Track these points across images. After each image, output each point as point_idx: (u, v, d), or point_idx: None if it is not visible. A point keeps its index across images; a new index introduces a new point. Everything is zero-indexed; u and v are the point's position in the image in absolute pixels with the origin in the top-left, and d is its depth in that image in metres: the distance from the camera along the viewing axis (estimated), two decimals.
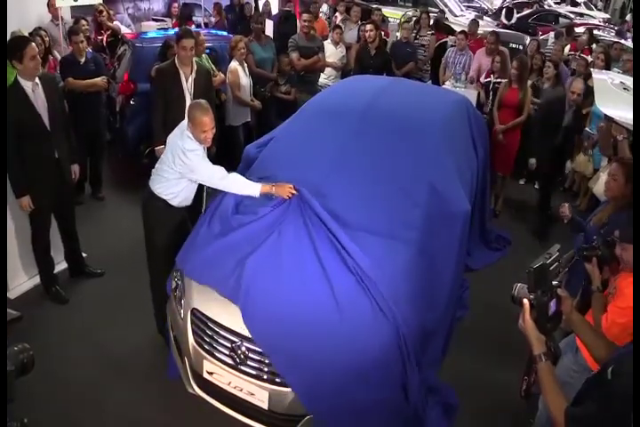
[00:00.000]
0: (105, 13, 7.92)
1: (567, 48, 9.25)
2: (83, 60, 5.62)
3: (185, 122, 3.60)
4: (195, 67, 5.06)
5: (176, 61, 5.00)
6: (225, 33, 7.87)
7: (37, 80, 3.97)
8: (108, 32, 7.81)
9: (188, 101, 4.94)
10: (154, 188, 3.72)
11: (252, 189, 3.54)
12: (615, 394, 1.71)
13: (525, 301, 2.06)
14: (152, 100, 5.32)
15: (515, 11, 16.06)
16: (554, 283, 2.13)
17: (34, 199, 4.08)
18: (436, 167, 3.90)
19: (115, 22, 8.24)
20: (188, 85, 5.01)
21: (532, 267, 2.07)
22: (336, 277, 3.13)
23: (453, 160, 4.15)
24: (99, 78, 5.70)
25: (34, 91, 3.95)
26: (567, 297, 2.19)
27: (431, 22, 9.25)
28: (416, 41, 8.76)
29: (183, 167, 3.52)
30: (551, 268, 2.11)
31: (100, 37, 7.79)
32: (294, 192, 3.52)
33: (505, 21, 14.69)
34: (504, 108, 6.35)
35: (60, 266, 4.72)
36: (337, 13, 9.67)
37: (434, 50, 8.75)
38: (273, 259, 3.23)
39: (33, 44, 3.90)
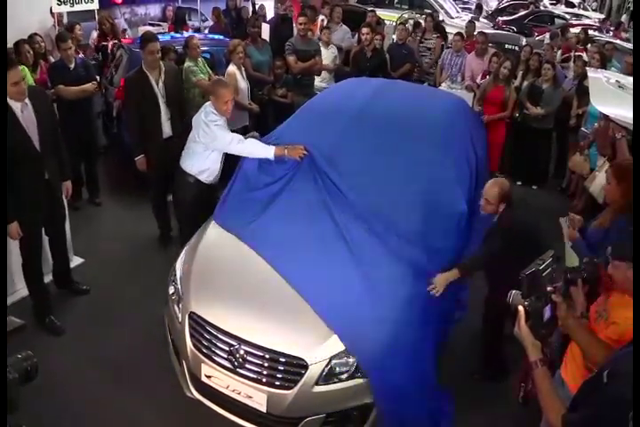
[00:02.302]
0: (108, 24, 7.92)
1: (559, 53, 9.21)
2: (72, 65, 5.59)
3: (207, 103, 4.24)
4: (162, 68, 5.08)
5: (144, 67, 5.00)
6: (221, 37, 7.89)
7: (27, 100, 3.74)
8: (114, 40, 7.69)
9: (162, 104, 5.03)
10: (184, 165, 4.38)
11: (267, 151, 3.97)
12: (611, 397, 1.70)
13: (520, 308, 2.06)
14: (126, 113, 5.39)
15: (483, 6, 16.48)
16: (548, 289, 2.13)
17: (24, 224, 3.87)
18: (432, 168, 3.90)
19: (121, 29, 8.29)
20: (159, 88, 5.03)
21: (525, 273, 2.07)
22: (348, 228, 3.47)
23: (450, 161, 4.15)
24: (89, 84, 5.69)
25: (23, 111, 3.73)
26: (562, 302, 2.17)
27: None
28: (421, 44, 8.79)
29: (206, 137, 4.14)
30: (544, 273, 2.10)
31: (104, 43, 7.67)
32: (305, 153, 3.89)
33: (476, 15, 15.13)
34: (489, 105, 6.58)
35: (47, 278, 4.51)
36: (321, 16, 9.66)
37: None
38: (289, 214, 3.64)
39: (19, 68, 3.66)
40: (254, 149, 4.04)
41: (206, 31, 9.84)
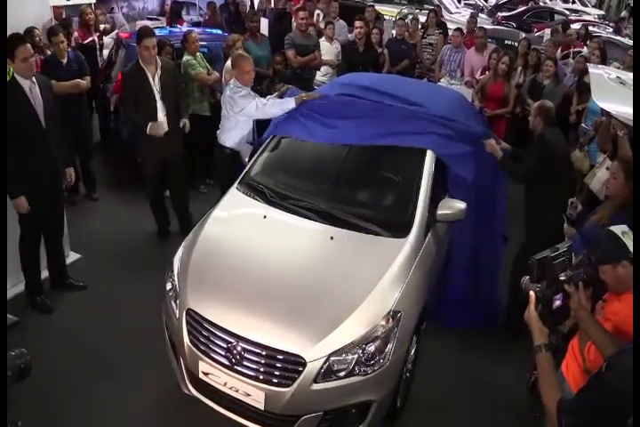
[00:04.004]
0: (92, 15, 7.27)
1: (559, 49, 9.17)
2: (65, 60, 5.52)
3: (231, 80, 4.82)
4: (159, 64, 5.04)
5: (140, 62, 4.96)
6: (220, 31, 7.85)
7: (34, 79, 3.92)
8: (97, 34, 7.34)
9: (158, 100, 4.98)
10: (221, 140, 4.91)
11: (290, 103, 4.39)
12: (605, 386, 1.72)
13: (532, 293, 2.07)
14: (124, 106, 5.42)
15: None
16: (561, 278, 2.10)
17: (28, 201, 3.99)
18: None
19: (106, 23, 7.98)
20: (155, 84, 4.99)
21: (535, 258, 2.08)
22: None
23: None
24: (84, 81, 5.64)
25: (31, 90, 3.89)
26: (575, 293, 2.15)
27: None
28: (423, 40, 8.75)
29: (234, 108, 4.64)
30: (556, 261, 2.10)
31: (90, 38, 7.22)
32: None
33: (457, 5, 15.41)
34: (488, 100, 6.60)
35: (42, 274, 4.49)
36: (317, 10, 9.61)
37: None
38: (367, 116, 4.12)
39: (28, 45, 3.83)
40: (278, 107, 4.44)
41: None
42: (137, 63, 4.99)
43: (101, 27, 7.49)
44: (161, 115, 5.03)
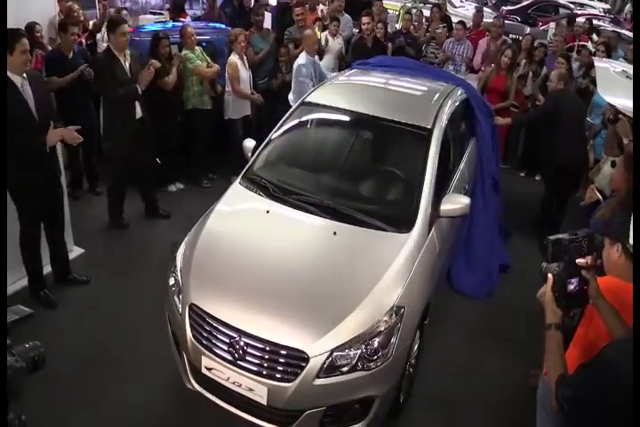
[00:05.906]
0: (80, 12, 6.71)
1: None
2: (70, 54, 5.46)
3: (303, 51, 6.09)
4: (127, 52, 5.07)
5: (112, 49, 4.97)
6: (223, 26, 7.81)
7: (25, 75, 3.87)
8: (85, 34, 6.89)
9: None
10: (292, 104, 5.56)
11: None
12: (602, 364, 1.76)
13: (550, 275, 2.10)
14: (107, 90, 5.07)
15: None
16: (580, 264, 2.08)
17: (23, 195, 3.99)
18: None
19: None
20: (126, 70, 5.02)
21: (549, 238, 2.09)
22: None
23: None
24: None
25: (22, 86, 3.84)
26: (593, 279, 2.12)
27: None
28: (427, 34, 8.73)
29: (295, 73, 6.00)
30: (572, 244, 2.09)
31: (79, 40, 6.48)
32: None
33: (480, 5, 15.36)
34: (490, 93, 6.69)
35: (46, 269, 4.50)
36: (320, 6, 9.52)
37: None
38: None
39: (26, 39, 3.80)
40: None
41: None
42: (109, 50, 5.01)
43: (90, 23, 7.17)
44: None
